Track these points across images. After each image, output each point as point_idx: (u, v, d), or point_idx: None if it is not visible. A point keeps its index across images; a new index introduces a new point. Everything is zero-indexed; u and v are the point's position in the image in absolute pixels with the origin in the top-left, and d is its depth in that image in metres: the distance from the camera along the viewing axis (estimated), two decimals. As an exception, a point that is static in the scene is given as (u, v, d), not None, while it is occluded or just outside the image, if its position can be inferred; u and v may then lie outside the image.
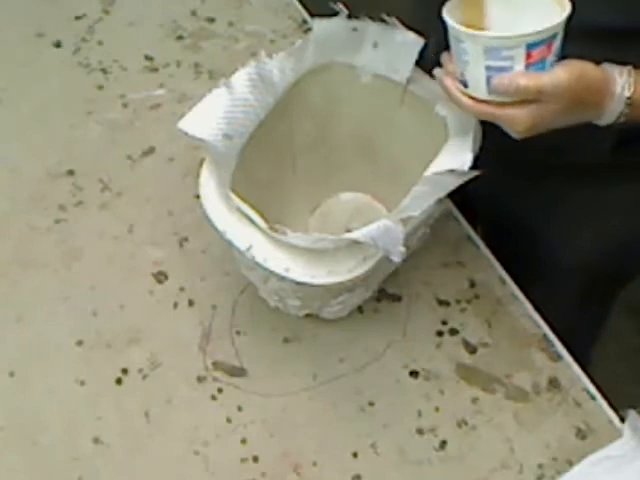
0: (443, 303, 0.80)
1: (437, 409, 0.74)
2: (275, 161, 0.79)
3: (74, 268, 0.84)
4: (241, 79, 0.69)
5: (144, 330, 0.79)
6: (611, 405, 0.74)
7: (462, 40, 0.58)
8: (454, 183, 0.64)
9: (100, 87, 1.00)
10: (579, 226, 0.83)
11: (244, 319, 0.80)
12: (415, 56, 0.72)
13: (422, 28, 0.70)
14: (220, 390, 0.75)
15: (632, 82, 0.60)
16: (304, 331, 0.79)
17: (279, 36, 1.05)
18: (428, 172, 0.65)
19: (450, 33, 0.60)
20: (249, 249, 0.63)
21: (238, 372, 0.76)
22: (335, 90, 0.78)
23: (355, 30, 0.73)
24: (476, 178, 0.65)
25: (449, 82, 0.62)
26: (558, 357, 0.77)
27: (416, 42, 0.71)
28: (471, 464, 0.71)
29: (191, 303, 0.81)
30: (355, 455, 0.72)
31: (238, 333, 0.79)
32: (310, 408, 0.74)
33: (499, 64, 0.57)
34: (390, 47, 0.73)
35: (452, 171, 0.64)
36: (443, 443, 0.72)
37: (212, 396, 0.75)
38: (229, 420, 0.74)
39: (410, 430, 0.73)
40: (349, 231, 0.63)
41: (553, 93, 0.57)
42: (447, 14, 0.59)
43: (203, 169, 0.69)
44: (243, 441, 0.72)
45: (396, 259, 0.60)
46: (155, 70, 1.02)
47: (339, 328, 0.79)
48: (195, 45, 1.05)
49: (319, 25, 0.72)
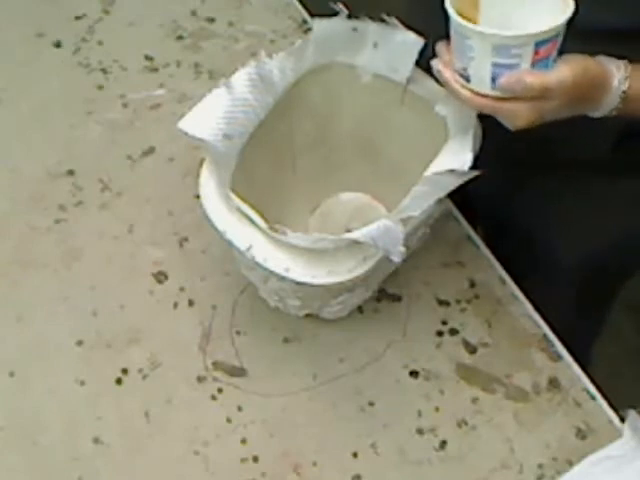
0: (443, 303, 0.80)
1: (437, 409, 0.74)
2: (275, 161, 0.79)
3: (74, 268, 0.84)
4: (241, 79, 0.69)
5: (144, 330, 0.79)
6: (611, 405, 0.74)
7: (468, 37, 0.57)
8: (454, 183, 0.64)
9: (100, 87, 1.00)
10: (579, 226, 0.83)
11: (244, 319, 0.80)
12: (415, 56, 0.72)
13: (422, 28, 0.70)
14: (220, 390, 0.75)
15: (628, 76, 0.60)
16: (304, 331, 0.79)
17: (279, 36, 1.05)
18: (428, 172, 0.65)
19: (454, 29, 0.59)
20: (249, 249, 0.63)
21: (238, 372, 0.76)
22: (335, 90, 0.78)
23: (355, 30, 0.73)
24: (476, 178, 0.65)
25: (448, 74, 0.61)
26: (558, 357, 0.77)
27: (416, 42, 0.71)
28: (471, 464, 0.71)
29: (191, 303, 0.81)
30: (355, 455, 0.72)
31: (238, 333, 0.79)
32: (310, 408, 0.74)
33: (507, 61, 0.57)
34: (390, 47, 0.73)
35: (452, 171, 0.64)
36: (443, 443, 0.72)
37: (212, 396, 0.75)
38: (229, 420, 0.74)
39: (410, 430, 0.73)
40: (349, 231, 0.63)
41: (558, 90, 0.57)
42: (451, 8, 0.58)
43: (203, 169, 0.69)
44: (243, 441, 0.72)
45: (396, 259, 0.60)
46: (155, 70, 1.02)
47: (339, 328, 0.79)
48: (195, 45, 1.05)
49: (319, 25, 0.72)
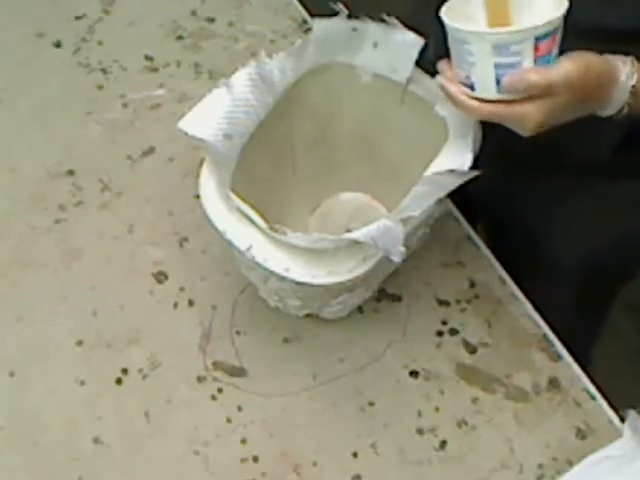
0: (443, 303, 0.80)
1: (437, 409, 0.74)
2: (275, 161, 0.79)
3: (74, 268, 0.84)
4: (241, 79, 0.69)
5: (144, 330, 0.79)
6: (611, 405, 0.74)
7: (467, 41, 0.57)
8: (454, 183, 0.64)
9: (100, 87, 1.00)
10: (579, 226, 0.83)
11: (244, 319, 0.80)
12: (415, 56, 0.72)
13: (422, 28, 0.70)
14: (220, 390, 0.75)
15: (635, 71, 0.59)
16: (304, 331, 0.79)
17: (279, 36, 1.05)
18: (428, 172, 0.65)
19: (452, 36, 0.59)
20: (249, 249, 0.63)
21: (238, 372, 0.76)
22: (335, 90, 0.78)
23: (355, 30, 0.73)
24: (476, 178, 0.65)
25: (454, 89, 0.61)
26: (558, 357, 0.77)
27: (416, 42, 0.71)
28: (471, 464, 0.71)
29: (191, 303, 0.81)
30: (355, 455, 0.72)
31: (238, 333, 0.79)
32: (310, 408, 0.74)
33: (508, 60, 0.56)
34: (390, 47, 0.73)
35: (452, 171, 0.64)
36: (443, 443, 0.72)
37: (212, 396, 0.75)
38: (229, 420, 0.74)
39: (410, 430, 0.73)
40: (349, 231, 0.63)
41: (563, 86, 0.56)
42: (446, 17, 0.58)
43: (203, 169, 0.69)
44: (243, 441, 0.72)
45: (396, 259, 0.60)
46: (155, 70, 1.02)
47: (339, 328, 0.79)
48: (195, 45, 1.05)
49: (319, 25, 0.72)
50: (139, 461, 0.71)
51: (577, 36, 0.57)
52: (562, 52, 0.58)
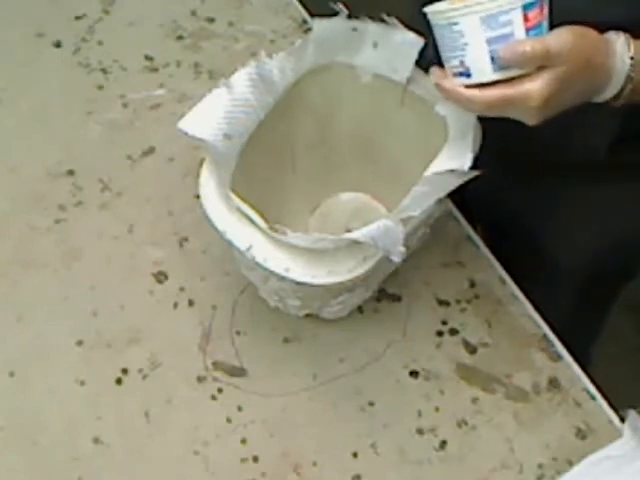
0: (443, 303, 0.80)
1: (437, 409, 0.74)
2: (275, 161, 0.79)
3: (74, 268, 0.84)
4: (241, 79, 0.69)
5: (144, 330, 0.79)
6: (611, 405, 0.74)
7: (455, 22, 0.56)
8: (454, 183, 0.64)
9: (100, 87, 1.00)
10: (579, 226, 0.83)
11: (244, 319, 0.80)
12: (415, 56, 0.72)
13: (422, 28, 0.70)
14: (220, 390, 0.75)
15: (630, 42, 0.58)
16: (304, 331, 0.79)
17: (279, 36, 1.05)
18: (428, 172, 0.65)
19: (439, 25, 0.58)
20: (249, 249, 0.63)
21: (238, 372, 0.76)
22: (335, 90, 0.78)
23: (355, 30, 0.73)
24: (476, 178, 0.65)
25: (449, 83, 0.60)
26: (558, 357, 0.77)
27: (416, 42, 0.71)
28: (471, 464, 0.71)
29: (191, 303, 0.81)
30: (355, 455, 0.72)
31: (238, 333, 0.79)
32: (310, 408, 0.74)
33: (499, 32, 0.55)
34: (390, 47, 0.73)
35: (452, 171, 0.64)
36: (443, 443, 0.72)
37: (212, 396, 0.75)
38: (229, 420, 0.74)
39: (410, 430, 0.73)
40: (349, 231, 0.63)
41: (560, 53, 0.55)
42: (427, 9, 0.58)
43: (203, 169, 0.69)
44: (243, 441, 0.72)
45: (396, 259, 0.60)
46: (155, 70, 1.02)
47: (339, 328, 0.79)
48: (195, 45, 1.05)
49: (319, 25, 0.72)
50: (139, 461, 0.71)
51: None
52: None
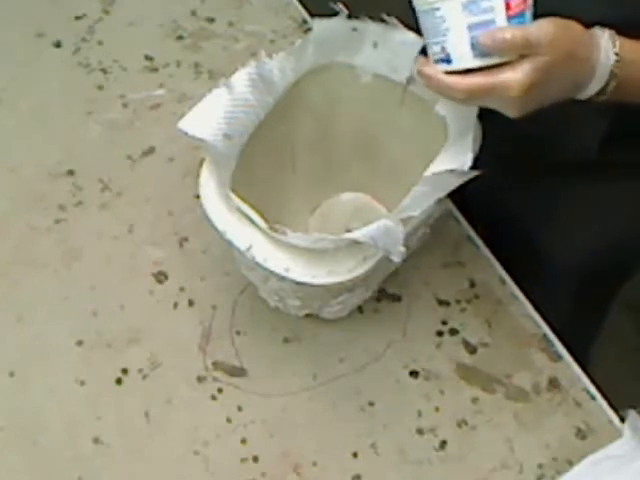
0: (443, 303, 0.80)
1: (437, 409, 0.74)
2: (275, 161, 0.79)
3: (74, 268, 0.84)
4: (241, 79, 0.69)
5: (144, 330, 0.79)
6: (611, 405, 0.74)
7: (437, 7, 0.56)
8: (454, 183, 0.64)
9: (100, 87, 1.00)
10: (579, 226, 0.83)
11: (244, 319, 0.80)
12: (415, 56, 0.72)
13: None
14: (220, 390, 0.75)
15: (616, 39, 0.58)
16: (304, 331, 0.79)
17: (279, 36, 1.05)
18: (428, 172, 0.65)
19: (422, 11, 0.58)
20: (249, 249, 0.63)
21: (238, 372, 0.76)
22: (335, 90, 0.78)
23: (355, 30, 0.73)
24: (476, 178, 0.65)
25: (431, 70, 0.58)
26: (558, 357, 0.77)
27: (416, 42, 0.71)
28: (471, 464, 0.71)
29: (191, 303, 0.81)
30: (355, 455, 0.72)
31: (238, 333, 0.79)
32: (310, 408, 0.74)
33: (480, 18, 0.55)
34: (390, 47, 0.73)
35: (452, 171, 0.64)
36: (443, 443, 0.72)
37: (212, 396, 0.75)
38: (229, 420, 0.74)
39: (410, 430, 0.73)
40: (349, 231, 0.63)
41: (541, 42, 0.54)
42: None
43: (203, 169, 0.69)
44: (243, 441, 0.72)
45: (396, 259, 0.60)
46: (155, 70, 1.02)
47: (339, 328, 0.79)
48: (195, 45, 1.05)
49: (319, 25, 0.72)
50: (139, 461, 0.71)
51: None
52: None
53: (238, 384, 0.76)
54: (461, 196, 0.75)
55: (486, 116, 0.62)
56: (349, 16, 0.72)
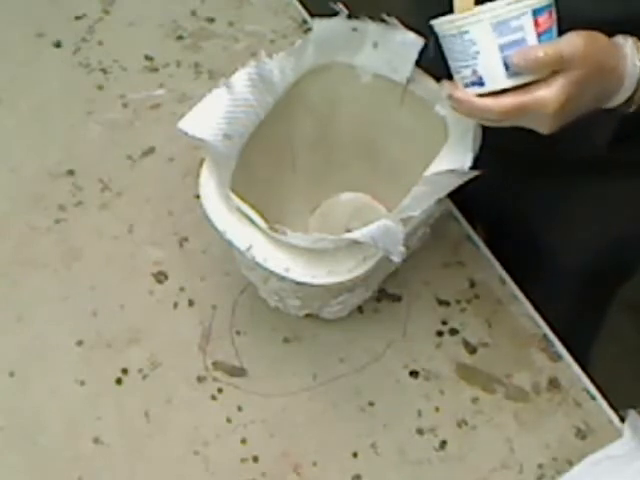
0: (443, 303, 0.80)
1: (437, 409, 0.74)
2: (275, 161, 0.79)
3: (74, 268, 0.84)
4: (241, 79, 0.69)
5: (144, 330, 0.79)
6: (611, 405, 0.74)
7: (465, 31, 0.56)
8: (454, 183, 0.64)
9: (100, 87, 1.00)
10: (579, 225, 0.83)
11: (244, 319, 0.80)
12: (415, 56, 0.72)
13: (422, 28, 0.70)
14: (220, 390, 0.75)
15: (639, 46, 0.58)
16: (304, 331, 0.79)
17: (279, 36, 1.05)
18: (428, 172, 0.65)
19: (448, 36, 0.58)
20: (249, 249, 0.63)
21: (238, 372, 0.76)
22: (335, 90, 0.78)
23: (355, 30, 0.73)
24: (476, 178, 0.65)
25: (462, 94, 0.58)
26: (558, 357, 0.77)
27: (416, 42, 0.71)
28: (471, 464, 0.71)
29: (191, 303, 0.81)
30: (355, 455, 0.72)
31: (238, 333, 0.79)
32: (310, 408, 0.74)
33: (511, 38, 0.55)
34: (390, 47, 0.73)
35: (452, 171, 0.64)
36: (443, 443, 0.72)
37: (212, 396, 0.75)
38: (229, 420, 0.74)
39: (410, 430, 0.73)
40: (349, 231, 0.63)
41: (573, 57, 0.54)
42: (435, 21, 0.58)
43: (203, 169, 0.69)
44: (243, 441, 0.72)
45: (396, 259, 0.60)
46: (155, 70, 1.02)
47: (339, 328, 0.79)
48: (195, 45, 1.05)
49: (319, 25, 0.72)
50: (139, 461, 0.72)
51: (574, 28, 0.56)
52: None
53: (238, 384, 0.76)
54: (461, 196, 0.75)
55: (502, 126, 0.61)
56: (349, 16, 0.72)
